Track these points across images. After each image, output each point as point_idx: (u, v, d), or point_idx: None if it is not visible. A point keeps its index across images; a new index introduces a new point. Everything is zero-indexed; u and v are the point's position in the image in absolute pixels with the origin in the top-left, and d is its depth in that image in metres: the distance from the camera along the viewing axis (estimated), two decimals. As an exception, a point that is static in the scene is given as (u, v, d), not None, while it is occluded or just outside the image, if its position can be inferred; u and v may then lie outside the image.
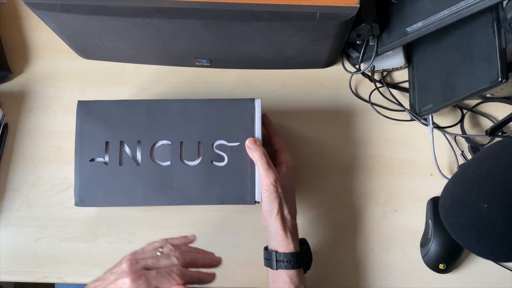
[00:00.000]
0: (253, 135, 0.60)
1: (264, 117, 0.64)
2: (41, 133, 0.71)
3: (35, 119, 0.72)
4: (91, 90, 0.72)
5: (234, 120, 0.60)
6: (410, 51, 0.70)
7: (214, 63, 0.70)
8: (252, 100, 0.61)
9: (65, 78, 0.73)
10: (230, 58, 0.68)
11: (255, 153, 0.57)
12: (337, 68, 0.72)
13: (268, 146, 0.63)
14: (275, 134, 0.63)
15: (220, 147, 0.60)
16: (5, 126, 0.71)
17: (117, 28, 0.59)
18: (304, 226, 0.66)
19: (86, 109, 0.61)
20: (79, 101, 0.61)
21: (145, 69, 0.73)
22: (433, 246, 0.63)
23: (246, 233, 0.67)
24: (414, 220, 0.67)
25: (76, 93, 0.72)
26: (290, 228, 0.57)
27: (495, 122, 0.68)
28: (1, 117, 0.70)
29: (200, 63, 0.70)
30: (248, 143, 0.58)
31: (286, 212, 0.57)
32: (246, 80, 0.72)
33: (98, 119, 0.60)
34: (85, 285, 0.71)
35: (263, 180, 0.56)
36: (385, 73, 0.71)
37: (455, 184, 0.45)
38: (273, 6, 0.54)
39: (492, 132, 0.59)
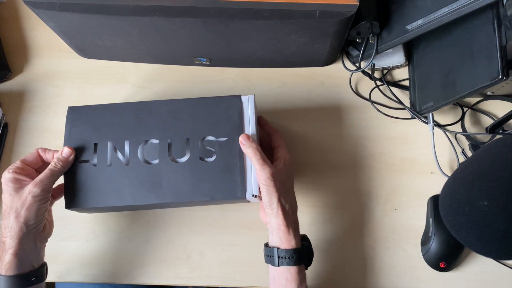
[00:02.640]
0: (241, 130, 0.60)
1: (260, 119, 0.63)
2: (41, 132, 0.71)
3: (35, 118, 0.72)
4: (91, 89, 0.72)
5: (221, 116, 0.60)
6: (410, 49, 0.70)
7: (214, 62, 0.70)
8: (238, 96, 0.61)
9: (65, 77, 0.73)
10: (229, 56, 0.68)
11: (248, 149, 0.57)
12: (337, 66, 0.72)
13: (268, 147, 0.63)
14: (273, 132, 0.63)
15: (209, 143, 0.60)
16: (5, 126, 0.71)
17: (117, 27, 0.59)
18: (305, 224, 0.66)
19: (76, 114, 0.61)
20: (69, 107, 0.62)
21: (144, 68, 0.73)
22: (434, 244, 0.63)
23: (247, 232, 0.67)
24: (415, 218, 0.67)
25: (76, 92, 0.72)
26: (291, 223, 0.57)
27: (495, 119, 0.67)
28: (1, 116, 0.70)
29: (200, 62, 0.70)
30: (242, 139, 0.58)
31: (287, 206, 0.57)
32: (246, 78, 0.72)
33: (87, 123, 0.61)
34: (86, 284, 0.72)
35: (260, 175, 0.56)
36: (385, 71, 0.71)
37: (455, 182, 0.44)
38: (272, 4, 0.54)
39: (492, 130, 0.59)
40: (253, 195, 0.58)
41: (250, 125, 0.60)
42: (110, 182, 0.59)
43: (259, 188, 0.57)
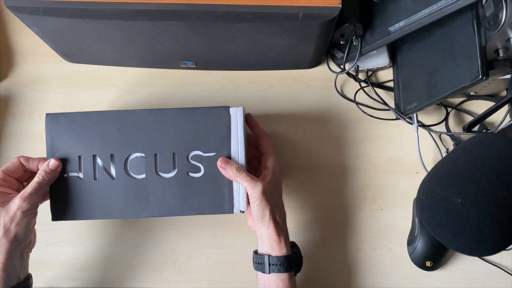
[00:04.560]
0: (229, 145, 0.58)
1: (249, 118, 0.63)
2: (26, 137, 0.71)
3: (20, 124, 0.71)
4: (77, 94, 0.72)
5: (208, 129, 0.58)
6: (394, 51, 0.70)
7: (200, 65, 0.70)
8: (227, 108, 0.59)
9: (51, 82, 0.73)
10: (215, 59, 0.68)
11: (230, 172, 0.56)
12: (322, 69, 0.72)
13: (254, 147, 0.63)
14: (262, 136, 0.62)
15: (196, 157, 0.58)
16: (-10, 131, 0.70)
17: (101, 31, 0.59)
18: (292, 226, 0.67)
19: (55, 122, 0.59)
20: (47, 114, 0.59)
21: (130, 72, 0.73)
22: (419, 244, 0.64)
23: (234, 234, 0.67)
24: (401, 218, 0.67)
25: (61, 96, 0.72)
26: (283, 232, 0.57)
27: (472, 118, 0.68)
28: (-14, 122, 0.70)
29: (186, 65, 0.70)
30: (220, 163, 0.57)
31: (277, 217, 0.57)
32: (232, 81, 0.73)
33: (68, 133, 0.58)
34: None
35: (250, 192, 0.55)
36: (370, 73, 0.72)
37: (430, 179, 0.45)
38: (255, 7, 0.54)
39: (469, 129, 0.60)
40: (240, 211, 0.58)
41: (238, 139, 0.58)
42: (97, 196, 0.58)
43: (248, 203, 0.57)
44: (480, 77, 0.54)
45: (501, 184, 0.41)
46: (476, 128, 0.66)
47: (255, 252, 0.59)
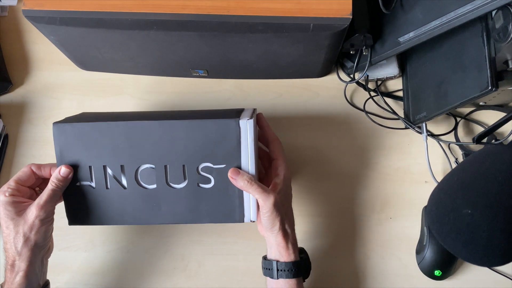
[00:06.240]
0: (239, 157, 0.57)
1: (261, 119, 0.62)
2: (40, 144, 0.72)
3: (35, 130, 0.73)
4: (90, 101, 0.74)
5: (218, 142, 0.57)
6: (404, 60, 0.71)
7: (211, 74, 0.71)
8: (237, 120, 0.56)
9: (65, 89, 0.74)
10: (226, 68, 0.69)
11: (241, 183, 0.55)
12: (332, 78, 0.73)
13: (265, 152, 0.64)
14: (273, 140, 0.61)
15: (206, 169, 0.58)
16: (6, 137, 0.72)
17: (115, 40, 0.61)
18: (300, 234, 0.67)
19: (62, 132, 0.57)
20: (54, 124, 0.57)
21: (143, 80, 0.74)
22: (428, 253, 0.64)
23: (244, 242, 0.68)
24: (410, 227, 0.68)
25: (75, 103, 0.74)
26: (291, 239, 0.58)
27: (483, 129, 0.69)
28: (2, 128, 0.71)
29: (197, 74, 0.71)
30: (231, 174, 0.56)
31: (287, 225, 0.57)
32: (242, 90, 0.74)
33: (77, 143, 0.57)
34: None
35: (262, 204, 0.55)
36: (379, 82, 0.72)
37: (440, 190, 0.45)
38: (267, 18, 0.55)
39: (479, 140, 0.60)
40: (251, 220, 0.58)
41: (248, 151, 0.57)
42: (110, 204, 0.58)
43: (258, 213, 0.57)
44: (490, 88, 0.54)
45: (511, 196, 0.41)
46: (485, 140, 0.66)
47: (264, 258, 0.60)
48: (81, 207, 0.59)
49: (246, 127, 0.56)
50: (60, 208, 0.68)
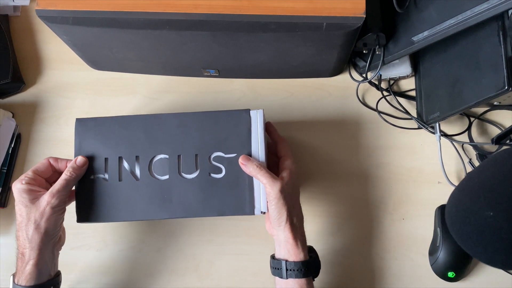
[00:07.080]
0: (249, 146, 0.60)
1: (268, 125, 0.64)
2: (53, 143, 0.73)
3: (47, 129, 0.73)
4: (102, 100, 0.74)
5: (230, 131, 0.60)
6: (417, 60, 0.70)
7: (222, 73, 0.71)
8: (247, 111, 0.61)
9: (77, 88, 0.75)
10: (238, 68, 0.69)
11: (250, 168, 0.57)
12: (344, 77, 0.73)
13: (274, 154, 0.64)
14: (280, 141, 0.63)
15: (217, 159, 0.60)
16: (18, 136, 0.72)
17: (128, 40, 0.61)
18: (312, 234, 0.67)
19: (84, 127, 0.61)
20: (77, 119, 0.62)
21: (154, 79, 0.74)
22: (441, 254, 0.63)
23: (256, 241, 0.68)
24: (423, 228, 0.67)
25: (87, 103, 0.74)
26: (299, 235, 0.57)
27: (502, 130, 0.68)
28: (15, 127, 0.72)
29: (209, 73, 0.71)
30: (241, 160, 0.58)
31: (295, 219, 0.57)
32: (253, 89, 0.73)
33: (96, 136, 0.61)
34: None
35: (269, 190, 0.56)
36: (392, 82, 0.72)
37: (460, 192, 0.45)
38: (279, 17, 0.55)
39: (498, 141, 0.59)
40: (261, 211, 0.59)
41: (258, 140, 0.60)
42: (121, 198, 0.60)
43: (267, 204, 0.58)
44: (506, 88, 0.54)
45: None
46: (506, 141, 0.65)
47: (272, 257, 0.59)
48: (92, 202, 0.60)
49: (256, 116, 0.61)
50: (72, 208, 0.69)
